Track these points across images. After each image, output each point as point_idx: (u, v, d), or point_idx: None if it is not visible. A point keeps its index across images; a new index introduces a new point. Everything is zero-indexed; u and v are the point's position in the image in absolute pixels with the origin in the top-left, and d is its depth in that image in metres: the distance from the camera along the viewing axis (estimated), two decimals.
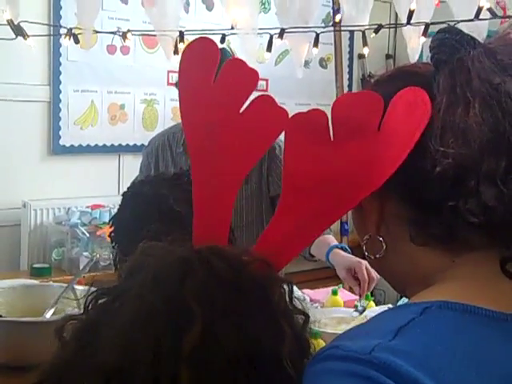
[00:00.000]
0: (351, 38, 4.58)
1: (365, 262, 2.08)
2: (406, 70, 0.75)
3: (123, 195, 1.24)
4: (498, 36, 0.69)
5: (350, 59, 4.97)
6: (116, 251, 1.23)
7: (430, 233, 0.68)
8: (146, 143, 4.17)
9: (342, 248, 2.22)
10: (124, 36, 2.12)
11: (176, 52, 2.05)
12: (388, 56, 4.95)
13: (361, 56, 4.77)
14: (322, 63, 4.98)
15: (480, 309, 0.63)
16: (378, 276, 2.15)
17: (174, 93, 4.31)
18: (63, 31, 2.05)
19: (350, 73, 4.96)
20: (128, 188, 1.24)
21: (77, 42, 2.06)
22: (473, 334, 0.62)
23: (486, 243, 0.65)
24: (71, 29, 2.08)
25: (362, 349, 0.59)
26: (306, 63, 5.04)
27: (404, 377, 0.57)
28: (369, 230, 0.73)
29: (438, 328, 0.62)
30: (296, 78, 4.69)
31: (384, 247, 0.72)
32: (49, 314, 1.85)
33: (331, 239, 2.26)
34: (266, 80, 4.50)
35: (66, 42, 2.13)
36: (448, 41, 0.68)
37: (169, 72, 4.29)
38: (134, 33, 2.13)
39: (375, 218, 0.72)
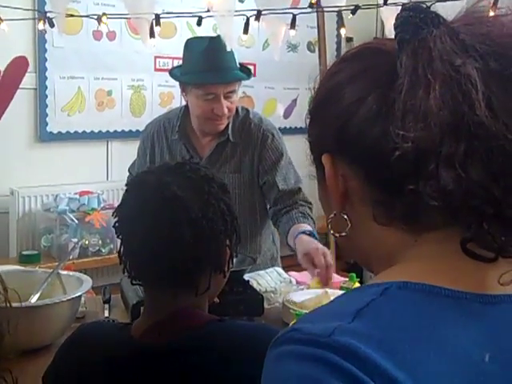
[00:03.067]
0: (339, 22, 4.56)
1: (322, 248, 2.06)
2: (371, 48, 0.74)
3: (127, 186, 1.25)
4: (463, 14, 0.68)
5: (338, 43, 4.96)
6: (121, 243, 1.23)
7: (393, 213, 0.68)
8: (134, 129, 4.22)
9: (310, 234, 2.20)
10: (99, 20, 2.10)
11: (152, 35, 2.03)
12: (376, 39, 4.94)
13: (349, 39, 4.75)
14: (310, 47, 4.97)
15: (439, 288, 0.63)
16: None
17: (162, 78, 4.31)
18: (31, 15, 2.02)
19: (338, 56, 4.93)
20: (131, 179, 1.25)
21: (52, 25, 2.03)
22: (431, 315, 0.62)
23: (447, 223, 0.65)
24: (46, 13, 2.06)
25: (322, 331, 0.59)
26: (294, 47, 5.04)
27: (363, 359, 0.57)
28: (334, 208, 0.74)
29: (397, 309, 0.62)
30: (284, 62, 4.72)
31: (349, 225, 0.73)
32: (34, 300, 1.85)
33: (304, 226, 2.25)
34: (254, 64, 4.48)
35: (40, 27, 2.11)
36: (412, 19, 0.67)
37: (156, 57, 4.28)
38: (109, 16, 2.11)
39: (339, 197, 0.73)
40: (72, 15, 2.20)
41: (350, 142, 0.70)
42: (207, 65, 2.21)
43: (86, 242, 3.79)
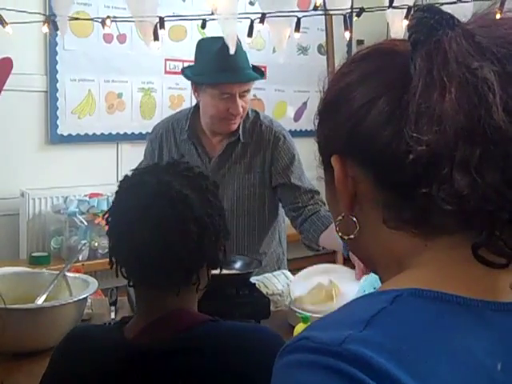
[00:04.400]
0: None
1: None
2: (383, 48, 0.72)
3: (120, 186, 1.23)
4: (477, 16, 0.67)
5: (349, 45, 4.95)
6: (113, 245, 1.22)
7: (403, 217, 0.67)
8: (144, 131, 4.22)
9: None
10: (103, 23, 2.11)
11: (156, 38, 2.04)
12: (387, 40, 4.91)
13: (360, 42, 4.74)
14: (321, 50, 4.97)
15: (451, 296, 0.62)
16: None
17: (172, 81, 4.33)
18: (41, 18, 2.04)
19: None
20: (126, 179, 1.23)
21: (56, 29, 2.05)
22: (444, 323, 0.61)
23: (459, 228, 0.64)
24: (50, 16, 2.08)
25: (333, 340, 0.58)
26: (305, 50, 5.04)
27: (375, 368, 0.56)
28: (342, 210, 0.73)
29: (409, 317, 0.61)
30: (294, 65, 4.72)
31: (357, 228, 0.72)
32: (40, 301, 1.86)
33: None
34: (264, 67, 4.47)
35: (44, 30, 2.12)
36: (426, 20, 0.65)
37: (166, 60, 4.29)
38: (114, 19, 2.11)
39: (348, 200, 0.71)
40: (77, 18, 2.20)
41: (361, 144, 0.68)
42: (222, 65, 2.21)
43: (96, 244, 3.80)
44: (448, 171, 0.60)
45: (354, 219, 0.72)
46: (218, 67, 2.22)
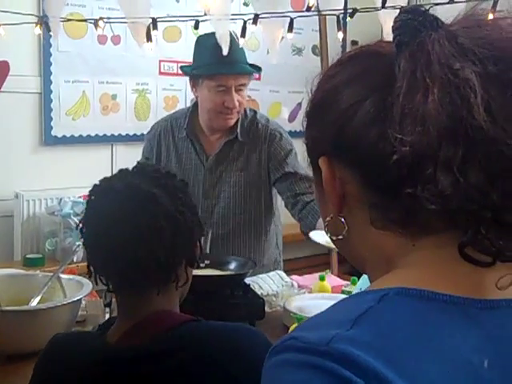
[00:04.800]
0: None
1: None
2: (369, 50, 0.74)
3: (91, 194, 1.24)
4: (461, 17, 0.68)
5: (344, 46, 4.96)
6: (90, 253, 1.23)
7: (390, 217, 0.68)
8: (139, 133, 4.22)
9: None
10: (96, 24, 2.11)
11: (149, 39, 2.04)
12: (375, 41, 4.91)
13: (354, 43, 4.75)
14: (315, 50, 4.97)
15: (438, 294, 0.63)
16: None
17: (166, 82, 4.32)
18: (34, 20, 2.03)
19: None
20: (95, 187, 1.24)
21: (49, 30, 2.04)
22: (430, 321, 0.62)
23: (445, 227, 0.65)
24: (42, 17, 2.07)
25: (320, 340, 0.59)
26: (299, 50, 5.04)
27: (362, 367, 0.56)
28: (331, 211, 0.74)
29: (396, 316, 0.62)
30: (289, 66, 4.72)
31: (345, 228, 0.73)
32: (34, 303, 1.86)
33: None
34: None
35: (37, 31, 2.12)
36: (410, 22, 0.66)
37: (160, 61, 4.28)
38: (107, 21, 2.11)
39: (337, 200, 0.72)
40: (69, 20, 2.20)
41: (348, 146, 0.69)
42: (219, 57, 2.23)
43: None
44: (432, 171, 0.61)
45: (343, 220, 0.73)
46: (215, 60, 2.25)
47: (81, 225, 1.23)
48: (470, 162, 0.60)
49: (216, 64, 2.25)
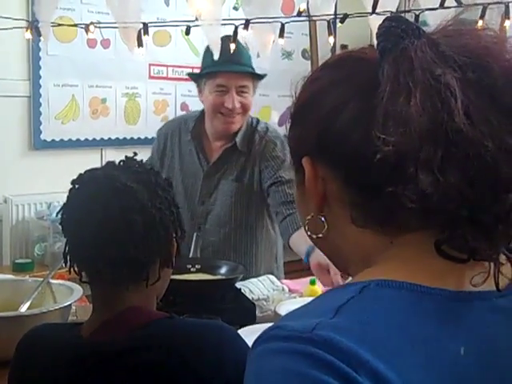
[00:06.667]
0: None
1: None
2: (352, 56, 0.77)
3: (73, 183, 1.25)
4: (440, 27, 0.71)
5: (333, 50, 4.96)
6: (67, 242, 1.23)
7: (370, 215, 0.71)
8: (129, 137, 4.22)
9: None
10: (87, 29, 2.10)
11: (140, 44, 2.04)
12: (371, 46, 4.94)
13: (344, 47, 4.76)
14: (305, 54, 4.98)
15: (415, 285, 0.66)
16: None
17: (156, 86, 4.32)
18: (24, 24, 2.03)
19: None
20: (78, 177, 1.25)
21: (39, 34, 2.04)
22: (407, 310, 0.65)
23: (423, 225, 0.68)
24: (33, 21, 2.07)
25: (304, 327, 0.61)
26: (289, 54, 5.05)
27: (344, 352, 0.59)
28: (312, 210, 0.76)
29: (376, 305, 0.65)
30: (278, 70, 4.72)
31: (325, 227, 0.76)
32: (24, 309, 1.85)
33: None
34: None
35: (27, 36, 2.11)
36: (394, 29, 0.69)
37: (150, 65, 4.27)
38: (97, 26, 2.11)
39: (318, 200, 0.75)
40: (60, 24, 2.20)
41: (331, 146, 0.73)
42: (222, 57, 2.24)
43: None
44: (413, 171, 0.63)
45: (323, 219, 0.76)
46: (218, 60, 2.25)
47: (62, 212, 1.24)
48: (450, 162, 0.63)
49: (217, 64, 2.27)
